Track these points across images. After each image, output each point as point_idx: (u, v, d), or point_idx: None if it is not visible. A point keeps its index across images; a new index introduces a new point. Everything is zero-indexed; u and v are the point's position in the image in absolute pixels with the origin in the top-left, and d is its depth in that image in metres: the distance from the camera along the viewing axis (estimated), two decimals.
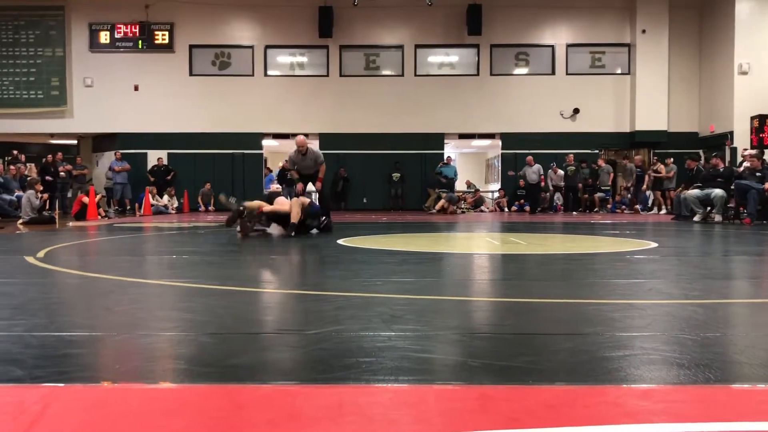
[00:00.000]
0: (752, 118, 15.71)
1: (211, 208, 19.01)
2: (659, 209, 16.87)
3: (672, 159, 16.96)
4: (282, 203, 8.41)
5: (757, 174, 11.33)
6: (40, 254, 5.60)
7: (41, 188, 13.24)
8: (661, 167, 17.26)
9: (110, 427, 1.47)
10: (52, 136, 20.51)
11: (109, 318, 2.87)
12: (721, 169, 12.42)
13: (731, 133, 17.41)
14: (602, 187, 18.64)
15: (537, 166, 17.98)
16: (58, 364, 2.02)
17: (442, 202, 17.25)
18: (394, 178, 18.77)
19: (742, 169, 12.39)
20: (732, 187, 11.76)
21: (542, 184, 18.16)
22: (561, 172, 18.45)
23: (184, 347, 2.28)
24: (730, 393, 1.73)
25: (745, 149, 15.19)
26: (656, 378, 1.86)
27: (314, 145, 20.44)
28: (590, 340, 2.32)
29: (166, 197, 18.08)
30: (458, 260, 5.56)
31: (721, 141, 17.75)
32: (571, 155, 18.55)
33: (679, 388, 1.76)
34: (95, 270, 4.71)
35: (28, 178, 13.96)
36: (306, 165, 10.24)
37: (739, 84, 17.42)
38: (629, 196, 18.31)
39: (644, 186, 17.47)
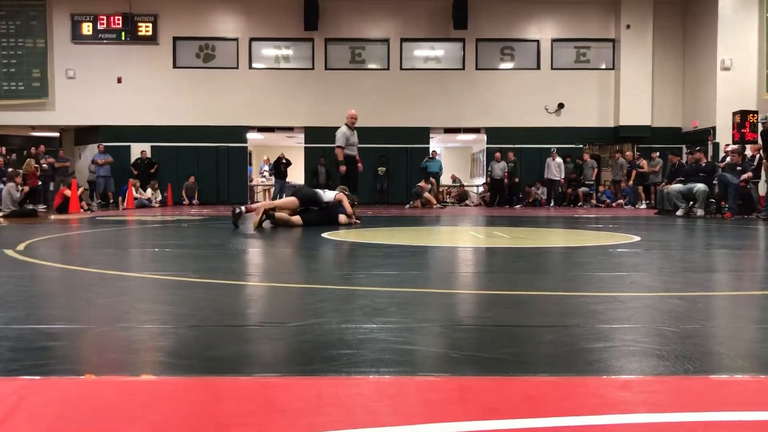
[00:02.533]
0: (734, 114, 15.85)
1: (195, 201, 18.91)
2: (640, 203, 17.02)
3: (658, 153, 17.10)
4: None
5: (738, 169, 11.43)
6: (20, 247, 5.54)
7: (21, 180, 13.09)
8: (643, 162, 17.41)
9: (86, 419, 1.45)
10: (34, 128, 20.30)
11: (89, 310, 2.84)
12: (704, 164, 12.53)
13: (714, 128, 17.57)
14: (586, 182, 18.77)
15: (502, 163, 18.30)
16: (34, 356, 1.99)
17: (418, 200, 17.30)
18: (380, 172, 18.76)
19: (723, 164, 12.51)
20: (714, 182, 11.88)
21: (506, 180, 18.44)
22: (560, 160, 18.50)
23: (165, 340, 2.26)
24: (709, 383, 1.74)
25: (727, 144, 15.33)
26: (636, 369, 1.87)
27: (300, 138, 20.47)
28: (572, 332, 2.33)
29: (149, 190, 17.96)
30: (442, 253, 5.57)
31: (704, 136, 17.91)
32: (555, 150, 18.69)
33: (658, 378, 1.77)
34: (76, 263, 4.66)
35: (9, 170, 13.80)
36: (354, 142, 9.91)
37: (722, 80, 17.59)
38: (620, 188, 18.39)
39: (630, 181, 17.60)
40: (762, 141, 11.03)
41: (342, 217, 8.42)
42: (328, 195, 8.50)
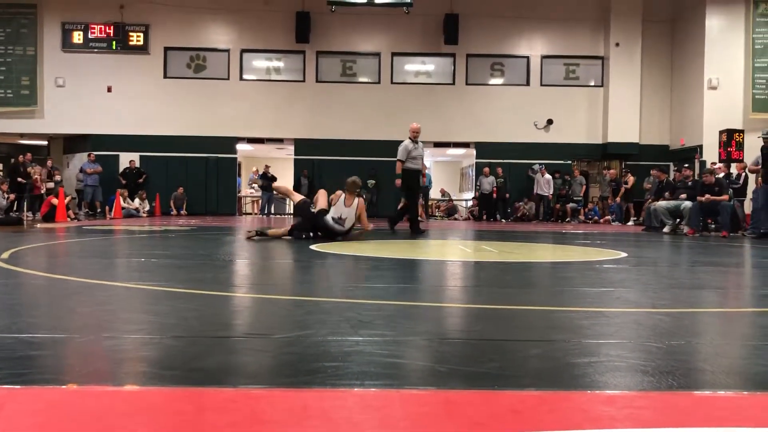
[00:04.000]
0: (720, 132, 16.02)
1: (183, 212, 18.83)
2: (627, 220, 17.14)
3: (655, 170, 17.14)
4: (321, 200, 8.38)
5: (716, 189, 11.52)
6: (5, 255, 5.49)
7: (6, 188, 12.99)
8: (630, 179, 17.52)
9: (68, 429, 1.43)
10: (22, 136, 20.16)
11: (72, 320, 2.81)
12: (689, 183, 12.63)
13: (700, 146, 17.74)
14: (575, 198, 18.87)
15: (491, 178, 18.44)
16: (15, 366, 1.97)
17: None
18: (369, 185, 18.75)
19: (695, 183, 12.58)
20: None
21: (495, 194, 18.59)
22: (548, 177, 18.58)
23: (148, 350, 2.24)
24: (693, 399, 1.74)
25: (713, 163, 15.48)
26: (621, 384, 1.87)
27: (290, 150, 20.47)
28: (558, 347, 2.33)
29: (137, 200, 17.87)
30: (429, 267, 5.57)
31: (691, 154, 18.06)
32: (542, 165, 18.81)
33: (642, 394, 1.77)
34: (61, 272, 4.62)
35: None
36: (417, 155, 9.84)
37: (709, 99, 17.78)
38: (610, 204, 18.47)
39: (618, 198, 17.70)
40: (762, 156, 11.13)
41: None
42: (342, 212, 8.10)
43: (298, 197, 8.54)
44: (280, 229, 8.21)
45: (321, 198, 8.27)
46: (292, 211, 8.34)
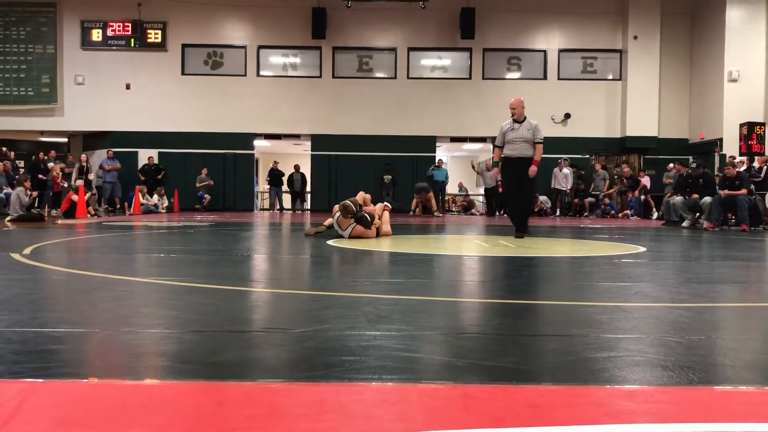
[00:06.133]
0: (741, 126, 15.81)
1: (206, 198, 18.86)
2: (648, 215, 16.99)
3: (672, 165, 16.99)
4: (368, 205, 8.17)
5: (737, 183, 11.39)
6: (27, 251, 5.56)
7: (30, 185, 13.15)
8: (644, 179, 17.41)
9: (88, 422, 1.45)
10: (42, 133, 20.40)
11: (92, 314, 2.85)
12: (701, 181, 12.48)
13: (720, 140, 17.52)
14: (594, 193, 18.72)
15: (494, 171, 18.19)
16: (38, 359, 1.99)
17: (415, 202, 17.32)
18: (386, 180, 18.72)
19: (719, 177, 12.47)
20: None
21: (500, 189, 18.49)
22: (567, 171, 18.38)
23: (167, 344, 2.26)
24: (713, 394, 1.73)
25: (732, 157, 15.28)
26: (640, 379, 1.86)
27: (307, 146, 20.51)
28: (576, 342, 2.32)
29: (155, 196, 18.00)
30: (447, 262, 5.56)
31: (710, 148, 17.85)
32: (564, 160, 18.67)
33: (662, 389, 1.76)
34: (81, 267, 4.68)
35: (17, 176, 13.88)
36: (515, 138, 7.80)
37: (729, 91, 17.54)
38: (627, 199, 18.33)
39: (636, 192, 17.55)
40: None
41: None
42: (339, 230, 7.76)
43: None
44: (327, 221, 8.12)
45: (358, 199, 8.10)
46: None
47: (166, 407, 1.57)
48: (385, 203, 8.72)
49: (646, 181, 17.48)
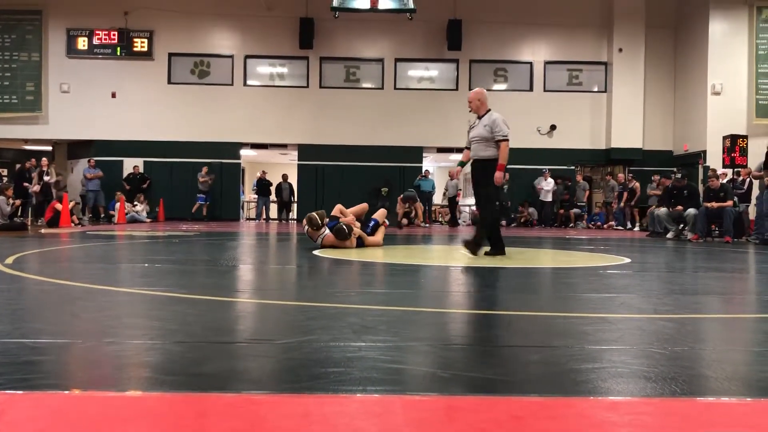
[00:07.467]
0: (724, 138, 15.98)
1: (206, 204, 18.71)
2: (632, 226, 17.10)
3: (658, 176, 17.14)
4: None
5: (721, 195, 11.51)
6: (9, 260, 5.50)
7: (11, 194, 13.03)
8: (636, 185, 17.50)
9: None
10: (27, 141, 20.24)
11: (75, 325, 2.82)
12: (685, 193, 12.59)
13: (704, 152, 17.71)
14: (578, 203, 18.84)
15: (455, 181, 18.39)
16: (18, 371, 1.97)
17: (400, 210, 17.29)
18: (383, 192, 18.30)
19: (704, 189, 12.61)
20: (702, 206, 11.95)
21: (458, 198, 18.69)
22: (551, 181, 18.50)
23: (150, 355, 2.24)
24: (696, 406, 1.74)
25: (713, 169, 15.42)
26: (623, 390, 1.87)
27: (294, 155, 20.48)
28: (560, 353, 2.32)
29: (137, 204, 17.76)
30: (433, 272, 5.56)
31: (694, 160, 18.03)
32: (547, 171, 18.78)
33: (645, 400, 1.77)
34: (64, 277, 4.63)
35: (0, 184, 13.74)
36: (473, 136, 6.75)
37: (712, 104, 17.77)
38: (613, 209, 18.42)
39: (622, 203, 17.66)
40: (766, 160, 11.17)
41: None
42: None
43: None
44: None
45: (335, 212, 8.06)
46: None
47: (149, 419, 1.56)
48: (385, 220, 8.67)
49: (637, 187, 17.56)
